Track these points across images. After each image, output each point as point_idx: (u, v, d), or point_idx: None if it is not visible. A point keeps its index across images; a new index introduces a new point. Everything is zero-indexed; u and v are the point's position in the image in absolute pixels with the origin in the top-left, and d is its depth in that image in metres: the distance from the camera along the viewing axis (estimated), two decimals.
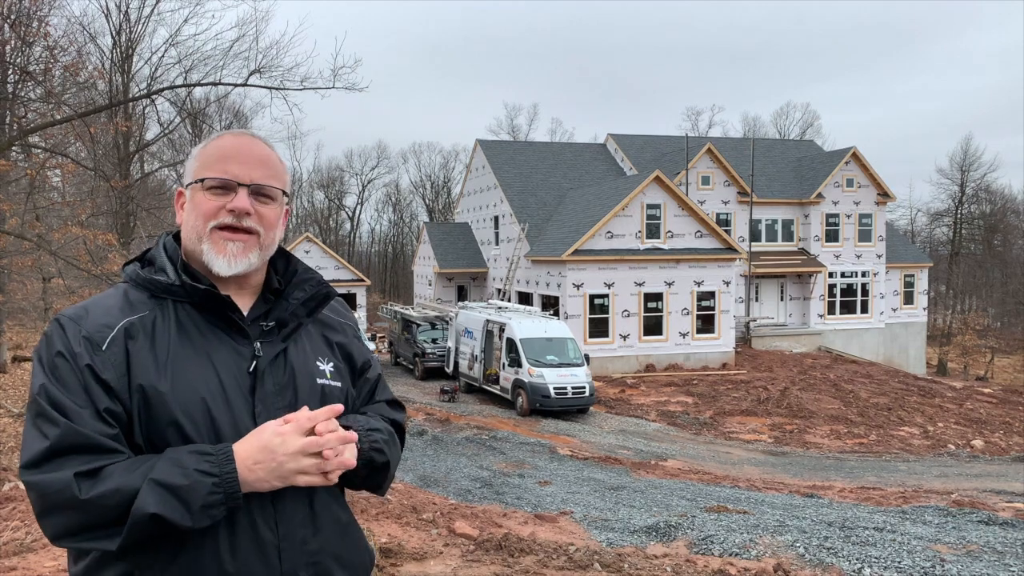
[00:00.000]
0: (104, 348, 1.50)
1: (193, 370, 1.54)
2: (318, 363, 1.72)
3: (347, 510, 1.74)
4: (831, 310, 34.64)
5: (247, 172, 1.63)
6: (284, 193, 1.71)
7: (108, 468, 1.42)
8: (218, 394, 1.54)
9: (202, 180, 1.62)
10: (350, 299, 36.42)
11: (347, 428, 1.59)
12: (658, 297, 27.30)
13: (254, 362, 1.61)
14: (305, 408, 1.55)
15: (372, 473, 1.70)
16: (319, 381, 1.69)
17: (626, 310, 26.95)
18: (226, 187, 1.62)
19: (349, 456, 1.55)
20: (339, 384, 1.74)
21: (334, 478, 1.54)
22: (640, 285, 27.05)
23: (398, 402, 1.94)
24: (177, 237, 1.72)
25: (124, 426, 1.49)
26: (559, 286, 27.11)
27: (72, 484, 1.38)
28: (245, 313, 1.66)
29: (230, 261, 1.61)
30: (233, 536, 1.50)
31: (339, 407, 1.57)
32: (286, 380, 1.64)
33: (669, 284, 27.31)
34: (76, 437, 1.41)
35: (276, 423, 1.51)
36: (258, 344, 1.63)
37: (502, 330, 21.43)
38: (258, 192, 1.64)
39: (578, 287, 26.44)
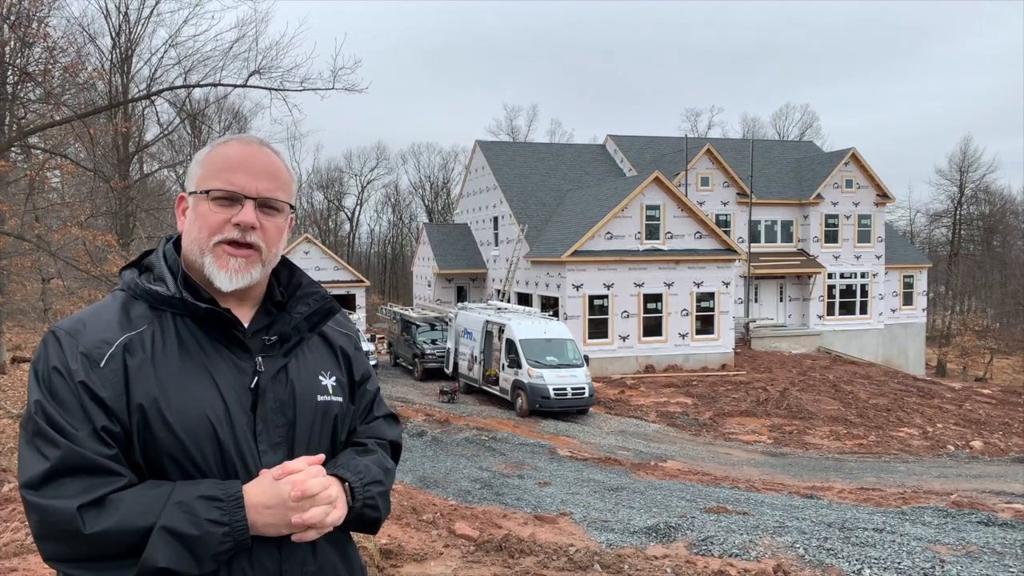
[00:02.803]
0: (102, 365, 1.45)
1: (195, 388, 1.50)
2: (320, 378, 1.68)
3: (344, 530, 1.71)
4: (830, 311, 34.66)
5: (254, 184, 1.57)
6: (290, 206, 1.66)
7: (112, 497, 1.38)
8: (221, 412, 1.50)
9: (207, 191, 1.57)
10: (349, 300, 36.43)
11: (342, 480, 1.59)
12: (657, 298, 27.30)
13: (256, 378, 1.57)
14: (320, 457, 1.56)
15: (362, 526, 1.68)
16: (320, 398, 1.66)
17: (625, 311, 26.95)
18: (232, 199, 1.57)
19: (333, 519, 1.54)
20: (340, 399, 1.71)
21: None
22: (639, 286, 27.06)
23: (395, 416, 1.91)
24: (177, 243, 1.67)
25: (122, 446, 1.45)
26: (559, 287, 27.11)
27: (76, 517, 1.34)
28: (246, 325, 1.61)
29: (231, 277, 1.57)
30: (235, 560, 1.47)
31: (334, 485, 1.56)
32: (287, 397, 1.60)
33: (668, 285, 27.32)
34: (76, 459, 1.38)
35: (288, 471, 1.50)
36: (259, 359, 1.59)
37: (501, 331, 21.43)
38: (264, 205, 1.59)
39: (577, 288, 26.45)
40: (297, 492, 1.46)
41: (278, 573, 1.52)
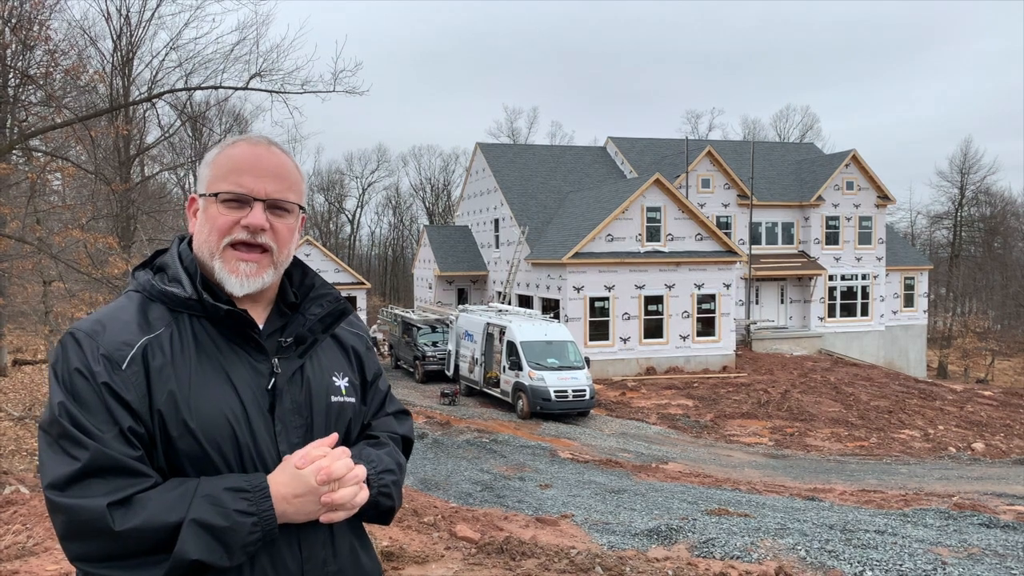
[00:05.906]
0: (124, 367, 1.45)
1: (214, 390, 1.50)
2: (334, 379, 1.69)
3: (362, 529, 1.73)
4: (831, 313, 34.65)
5: (262, 185, 1.57)
6: (300, 207, 1.65)
7: (140, 496, 1.38)
8: (240, 414, 1.51)
9: (215, 194, 1.57)
10: (350, 302, 36.36)
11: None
12: (658, 300, 27.30)
13: (272, 379, 1.57)
14: (334, 437, 1.57)
15: (377, 515, 1.69)
16: (334, 399, 1.67)
17: (626, 313, 26.95)
18: (241, 201, 1.56)
19: (361, 499, 1.55)
20: (352, 400, 1.72)
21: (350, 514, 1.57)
22: (640, 288, 27.06)
23: (405, 412, 1.92)
24: (192, 243, 1.66)
25: (147, 448, 1.45)
26: (559, 289, 27.11)
27: (106, 514, 1.34)
28: (260, 327, 1.61)
29: (243, 282, 1.57)
30: (257, 559, 1.48)
31: (347, 451, 1.57)
32: (303, 398, 1.61)
33: (669, 287, 27.32)
34: (105, 460, 1.38)
35: (308, 455, 1.51)
36: (276, 361, 1.59)
37: (502, 333, 21.43)
38: (273, 206, 1.59)
39: (578, 290, 26.45)
40: (322, 476, 1.48)
41: (299, 574, 1.54)
